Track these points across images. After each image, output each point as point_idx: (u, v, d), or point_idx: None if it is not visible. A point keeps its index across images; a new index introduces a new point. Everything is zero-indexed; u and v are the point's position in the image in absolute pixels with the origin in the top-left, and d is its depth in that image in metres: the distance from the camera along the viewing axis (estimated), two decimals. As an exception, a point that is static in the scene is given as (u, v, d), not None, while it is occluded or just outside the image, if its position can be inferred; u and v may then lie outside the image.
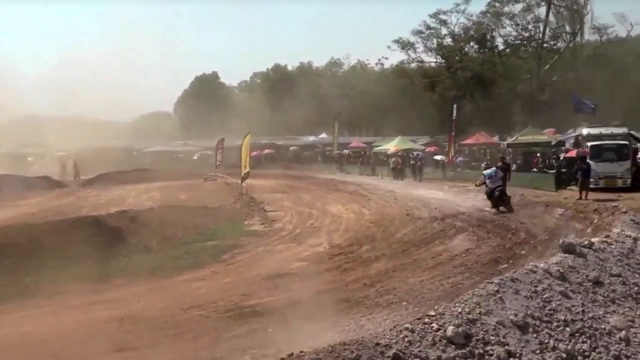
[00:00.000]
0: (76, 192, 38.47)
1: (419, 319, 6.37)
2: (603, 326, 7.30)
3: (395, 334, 5.99)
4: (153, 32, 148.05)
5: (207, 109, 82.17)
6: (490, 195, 21.89)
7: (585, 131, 31.69)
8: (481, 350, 6.06)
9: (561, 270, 7.97)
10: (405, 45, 64.02)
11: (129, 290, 14.36)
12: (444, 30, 63.24)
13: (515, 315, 6.69)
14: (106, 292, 13.22)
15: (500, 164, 27.69)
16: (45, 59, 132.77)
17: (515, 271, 7.84)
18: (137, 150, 75.54)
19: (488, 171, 22.71)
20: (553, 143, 38.82)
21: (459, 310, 6.48)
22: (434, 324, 6.17)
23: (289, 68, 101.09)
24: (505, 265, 13.97)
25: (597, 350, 6.87)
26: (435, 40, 63.61)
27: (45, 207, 28.74)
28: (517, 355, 6.27)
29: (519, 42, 62.19)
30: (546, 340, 6.60)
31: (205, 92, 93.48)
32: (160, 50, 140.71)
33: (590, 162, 25.36)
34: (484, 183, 22.37)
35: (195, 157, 69.37)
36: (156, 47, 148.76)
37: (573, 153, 30.50)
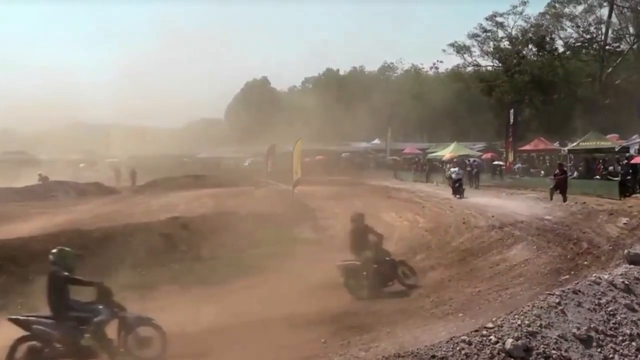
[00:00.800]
0: (127, 198, 38.84)
1: (476, 331, 6.18)
2: (671, 341, 6.90)
3: (452, 346, 5.82)
4: (204, 38, 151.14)
5: (258, 115, 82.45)
6: (453, 185, 31.50)
7: (650, 137, 30.71)
8: (542, 365, 5.80)
9: (626, 282, 7.63)
10: (460, 48, 63.31)
11: (179, 298, 14.41)
12: (500, 33, 62.33)
13: (578, 328, 6.43)
14: (156, 300, 13.28)
15: (557, 171, 27.44)
16: (96, 68, 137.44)
17: (578, 283, 7.54)
18: (188, 156, 76.66)
19: (454, 169, 33.24)
20: (617, 149, 37.61)
21: (519, 322, 6.27)
22: (492, 337, 5.97)
23: (341, 73, 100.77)
24: (567, 276, 13.61)
25: (665, 367, 6.50)
26: (491, 44, 62.76)
27: (96, 213, 29.09)
28: (581, 370, 5.98)
29: (580, 44, 60.60)
30: (611, 355, 6.34)
31: (256, 97, 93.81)
32: (211, 57, 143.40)
33: (656, 169, 24.46)
34: (450, 177, 32.40)
35: (246, 164, 69.69)
36: (207, 54, 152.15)
37: (638, 159, 29.46)
